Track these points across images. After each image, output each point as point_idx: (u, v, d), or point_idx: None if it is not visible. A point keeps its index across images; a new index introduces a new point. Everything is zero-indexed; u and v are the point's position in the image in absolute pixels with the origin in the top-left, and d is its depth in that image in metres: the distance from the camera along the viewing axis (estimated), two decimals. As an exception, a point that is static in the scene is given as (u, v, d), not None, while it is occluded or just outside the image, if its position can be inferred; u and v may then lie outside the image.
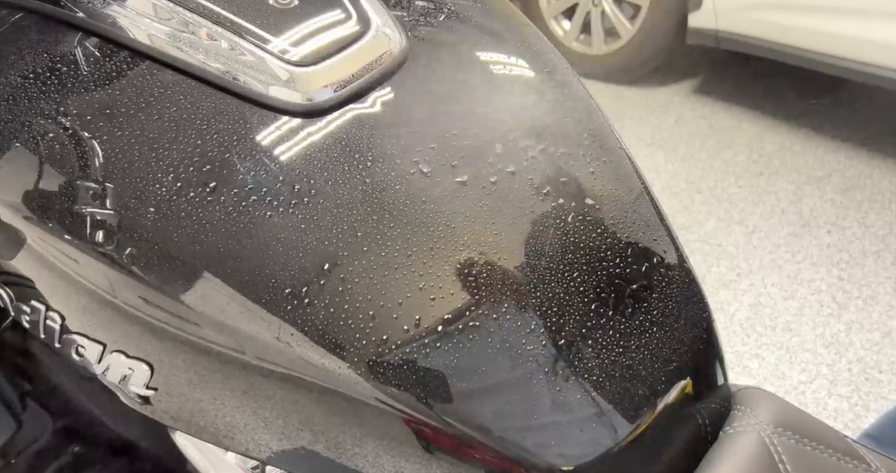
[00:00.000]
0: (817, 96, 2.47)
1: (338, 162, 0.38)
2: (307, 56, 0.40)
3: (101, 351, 0.41)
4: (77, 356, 0.41)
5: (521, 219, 0.39)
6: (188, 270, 0.35)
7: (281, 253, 0.35)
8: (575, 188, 0.41)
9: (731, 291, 1.75)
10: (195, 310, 0.36)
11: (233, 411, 0.40)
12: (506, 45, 0.47)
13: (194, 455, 0.50)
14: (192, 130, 0.37)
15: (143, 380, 0.41)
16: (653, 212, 0.44)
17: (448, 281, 0.36)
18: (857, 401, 1.45)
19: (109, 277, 0.37)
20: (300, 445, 0.39)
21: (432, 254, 0.36)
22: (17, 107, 0.38)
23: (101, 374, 0.41)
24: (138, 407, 0.43)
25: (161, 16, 0.40)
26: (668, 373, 0.40)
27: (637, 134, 2.40)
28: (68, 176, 0.36)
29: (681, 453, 0.41)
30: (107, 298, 0.38)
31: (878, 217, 1.96)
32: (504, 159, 0.40)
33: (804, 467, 0.39)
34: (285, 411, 0.38)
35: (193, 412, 0.41)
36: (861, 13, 1.90)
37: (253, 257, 0.35)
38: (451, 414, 0.35)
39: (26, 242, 0.39)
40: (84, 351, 0.41)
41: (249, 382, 0.38)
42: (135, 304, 0.38)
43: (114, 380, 0.41)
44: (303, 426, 0.38)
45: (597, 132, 0.45)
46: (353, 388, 0.35)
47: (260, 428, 0.40)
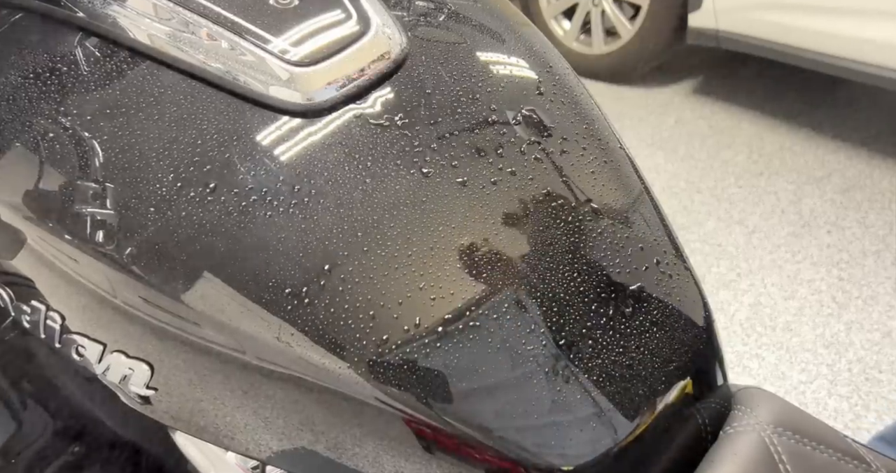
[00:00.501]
0: (817, 96, 2.47)
1: (338, 162, 0.38)
2: (307, 56, 0.40)
3: (101, 351, 0.41)
4: (77, 356, 0.41)
5: (522, 219, 0.39)
6: (188, 270, 0.35)
7: (281, 253, 0.35)
8: (575, 188, 0.41)
9: (731, 291, 1.75)
10: (195, 310, 0.36)
11: (233, 411, 0.40)
12: (506, 44, 0.47)
13: (194, 455, 0.50)
14: (193, 130, 0.37)
15: (143, 380, 0.41)
16: (653, 212, 0.44)
17: (448, 281, 0.36)
18: (857, 401, 1.45)
19: (109, 277, 0.37)
20: (300, 445, 0.39)
21: (432, 254, 0.36)
22: (17, 107, 0.38)
23: (101, 374, 0.41)
24: (138, 407, 0.43)
25: (161, 16, 0.40)
26: (668, 373, 0.40)
27: (637, 134, 2.40)
28: (68, 176, 0.36)
29: (681, 453, 0.41)
30: (107, 298, 0.38)
31: (878, 217, 1.96)
32: (504, 160, 0.40)
33: (804, 467, 0.39)
34: (285, 411, 0.38)
35: (193, 412, 0.41)
36: (861, 13, 1.89)
37: (253, 257, 0.35)
38: (451, 414, 0.35)
39: (26, 242, 0.39)
40: (84, 351, 0.41)
41: (249, 382, 0.38)
42: (135, 304, 0.38)
43: (114, 380, 0.41)
44: (303, 426, 0.38)
45: (597, 132, 0.45)
46: (353, 388, 0.35)
47: (260, 428, 0.40)
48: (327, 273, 0.35)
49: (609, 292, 0.39)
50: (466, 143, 0.40)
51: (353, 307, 0.35)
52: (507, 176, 0.40)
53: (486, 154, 0.40)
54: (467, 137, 0.41)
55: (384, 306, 0.35)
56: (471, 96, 0.42)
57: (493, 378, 0.36)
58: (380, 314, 0.35)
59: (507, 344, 0.36)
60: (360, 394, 0.35)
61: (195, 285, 0.35)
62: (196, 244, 0.35)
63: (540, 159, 0.41)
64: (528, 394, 0.36)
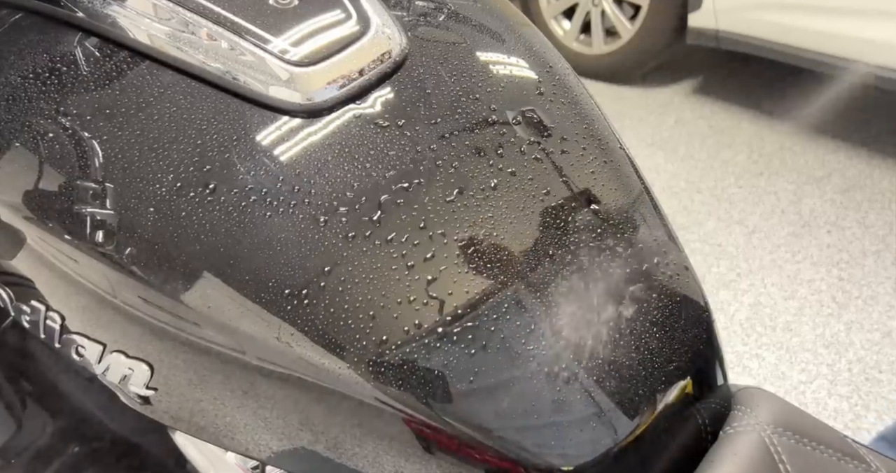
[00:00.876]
0: (817, 96, 2.47)
1: (338, 162, 0.38)
2: (307, 56, 0.40)
3: (101, 351, 0.41)
4: (77, 356, 0.41)
5: (522, 219, 0.39)
6: (188, 270, 0.35)
7: (281, 253, 0.35)
8: (575, 189, 0.41)
9: (731, 291, 1.75)
10: (195, 310, 0.36)
11: (233, 411, 0.40)
12: (506, 44, 0.47)
13: (194, 455, 0.50)
14: (192, 130, 0.37)
15: (143, 380, 0.41)
16: (653, 212, 0.44)
17: (448, 281, 0.36)
18: (857, 401, 1.45)
19: (109, 277, 0.37)
20: (300, 445, 0.39)
21: (432, 254, 0.36)
22: (17, 107, 0.38)
23: (101, 374, 0.41)
24: (138, 407, 0.43)
25: (161, 16, 0.40)
26: (668, 373, 0.40)
27: (637, 134, 2.40)
28: (68, 176, 0.36)
29: (681, 453, 0.41)
30: (107, 298, 0.38)
31: (878, 217, 1.96)
32: (504, 160, 0.40)
33: (804, 467, 0.39)
34: (285, 411, 0.38)
35: (193, 412, 0.41)
36: (861, 13, 1.89)
37: (253, 257, 0.35)
38: (451, 414, 0.35)
39: (26, 242, 0.39)
40: (84, 351, 0.41)
41: (249, 382, 0.38)
42: (135, 304, 0.38)
43: (114, 380, 0.41)
44: (303, 426, 0.38)
45: (597, 132, 0.45)
46: (353, 388, 0.35)
47: (260, 428, 0.40)
48: (327, 273, 0.35)
49: (609, 292, 0.39)
50: (466, 143, 0.40)
51: (353, 307, 0.35)
52: (507, 176, 0.40)
53: (486, 154, 0.40)
54: (467, 137, 0.41)
55: (384, 306, 0.35)
56: (471, 96, 0.42)
57: (493, 378, 0.36)
58: (380, 314, 0.35)
59: (507, 344, 0.36)
60: (360, 394, 0.35)
61: (195, 285, 0.35)
62: (196, 244, 0.35)
63: (540, 159, 0.41)
64: (527, 394, 0.36)
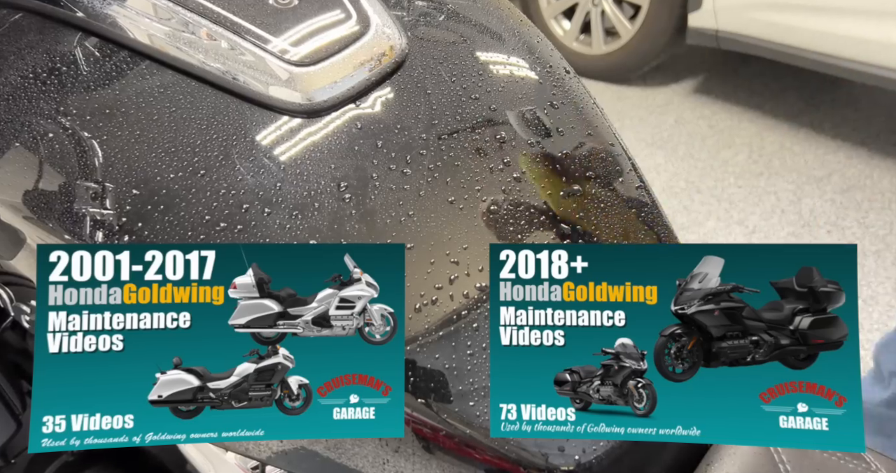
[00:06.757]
0: (817, 96, 2.47)
1: (337, 162, 0.38)
2: (307, 56, 0.40)
3: (101, 351, 0.41)
4: (77, 356, 0.41)
5: (522, 219, 0.39)
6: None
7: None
8: (575, 189, 0.41)
9: (731, 291, 1.74)
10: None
11: (233, 411, 0.40)
12: (505, 44, 0.47)
13: (194, 455, 0.50)
14: (192, 130, 0.37)
15: (143, 380, 0.40)
16: (653, 213, 0.44)
17: (448, 281, 0.36)
18: (857, 401, 1.45)
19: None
20: (300, 445, 0.39)
21: (431, 254, 0.36)
22: (17, 107, 0.38)
23: (101, 374, 0.41)
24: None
25: (161, 16, 0.40)
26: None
27: (637, 134, 2.40)
28: (68, 176, 0.36)
29: (681, 453, 0.41)
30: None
31: (878, 217, 1.96)
32: (504, 160, 0.40)
33: (804, 467, 0.39)
34: (285, 411, 0.38)
35: (193, 412, 0.41)
36: (861, 13, 1.89)
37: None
38: (451, 414, 0.35)
39: (26, 242, 0.39)
40: (84, 351, 0.41)
41: (249, 382, 0.38)
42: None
43: (114, 380, 0.41)
44: (303, 426, 0.38)
45: (597, 132, 0.45)
46: (353, 388, 0.35)
47: (260, 428, 0.40)
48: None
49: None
50: (466, 143, 0.40)
51: (353, 307, 0.35)
52: (507, 176, 0.40)
53: (487, 154, 0.40)
54: (467, 137, 0.41)
55: (384, 306, 0.35)
56: (471, 96, 0.42)
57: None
58: (380, 314, 0.35)
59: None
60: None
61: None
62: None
63: (540, 160, 0.41)
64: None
